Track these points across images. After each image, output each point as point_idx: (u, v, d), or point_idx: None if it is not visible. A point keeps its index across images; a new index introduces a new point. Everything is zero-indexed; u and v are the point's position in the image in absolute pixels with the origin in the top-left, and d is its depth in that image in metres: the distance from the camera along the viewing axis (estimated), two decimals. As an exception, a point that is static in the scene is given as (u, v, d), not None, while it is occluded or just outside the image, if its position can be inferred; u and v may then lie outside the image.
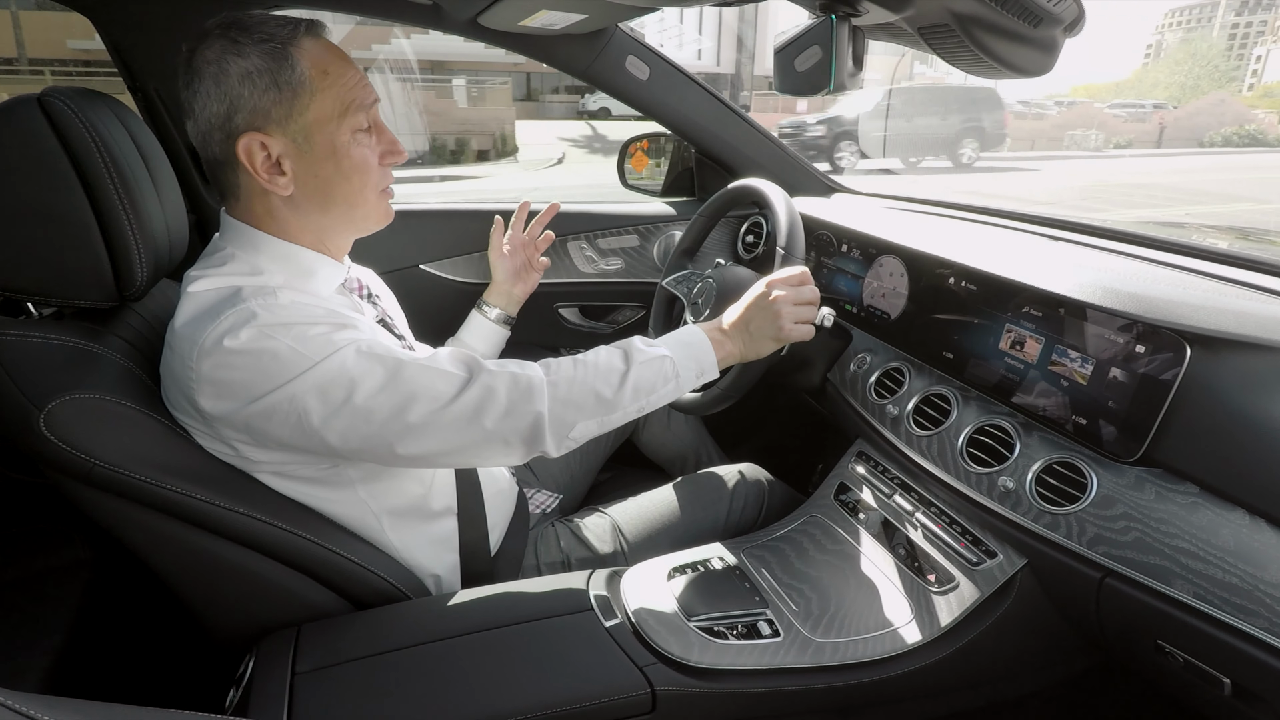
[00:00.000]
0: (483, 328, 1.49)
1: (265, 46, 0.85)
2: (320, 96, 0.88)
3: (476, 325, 1.49)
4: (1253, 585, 0.73)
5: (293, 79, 0.86)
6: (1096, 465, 0.92)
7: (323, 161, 0.91)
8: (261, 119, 0.86)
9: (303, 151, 0.89)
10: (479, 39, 1.58)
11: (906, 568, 1.09)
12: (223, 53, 0.84)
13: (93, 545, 1.21)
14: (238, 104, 0.85)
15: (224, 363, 0.81)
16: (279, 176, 0.89)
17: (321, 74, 0.88)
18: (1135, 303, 0.89)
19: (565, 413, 0.95)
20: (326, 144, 0.90)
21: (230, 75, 0.84)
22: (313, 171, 0.91)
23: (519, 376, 0.93)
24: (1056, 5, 0.73)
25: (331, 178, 0.92)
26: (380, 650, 0.90)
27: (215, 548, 0.90)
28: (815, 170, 1.88)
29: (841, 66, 0.85)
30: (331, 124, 0.89)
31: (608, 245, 1.86)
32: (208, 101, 0.86)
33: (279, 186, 0.90)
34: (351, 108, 0.90)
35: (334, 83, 0.89)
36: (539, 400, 0.93)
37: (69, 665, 1.02)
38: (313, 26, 0.90)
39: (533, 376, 0.94)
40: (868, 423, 1.27)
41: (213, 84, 0.85)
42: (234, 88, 0.85)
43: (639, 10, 1.37)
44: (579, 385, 0.96)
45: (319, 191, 0.92)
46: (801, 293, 1.12)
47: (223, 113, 0.86)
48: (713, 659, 0.94)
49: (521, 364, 0.96)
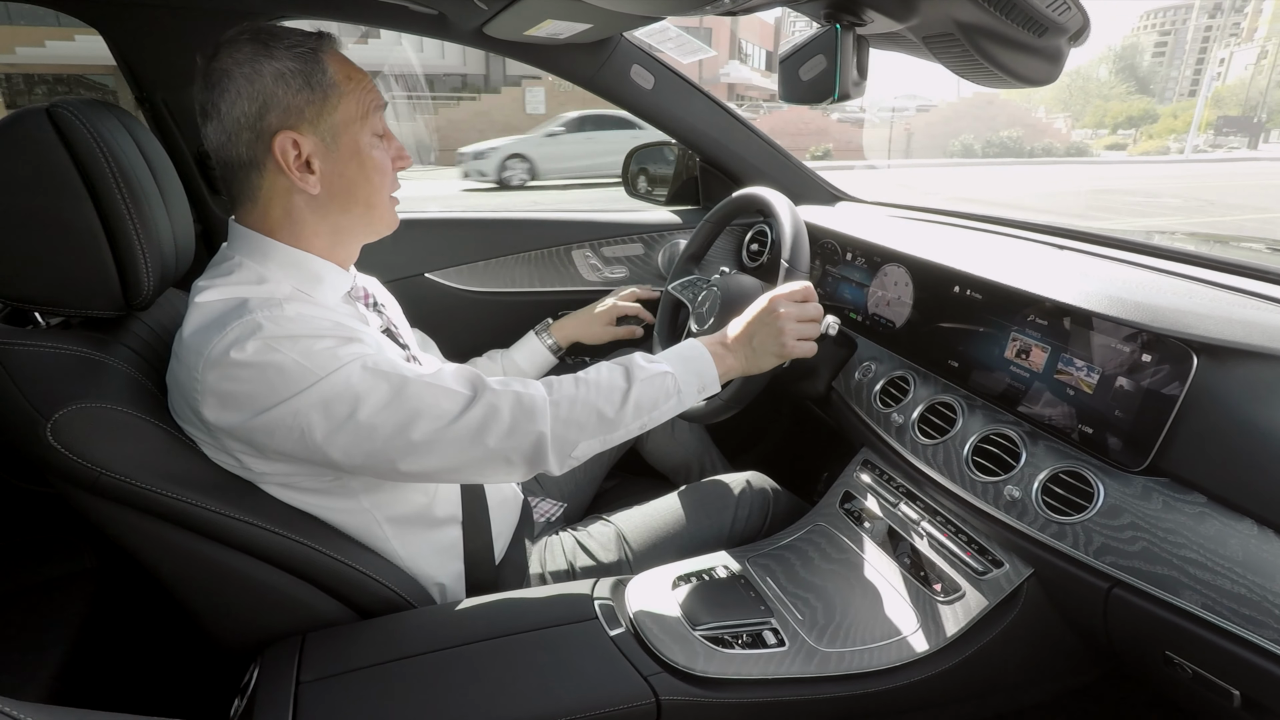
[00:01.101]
0: (537, 353, 1.52)
1: (296, 50, 0.89)
2: (346, 99, 0.92)
3: (531, 348, 1.52)
4: (1262, 596, 0.73)
5: (324, 81, 0.90)
6: (1103, 474, 0.91)
7: (347, 161, 0.93)
8: (295, 117, 0.89)
9: (330, 151, 0.92)
10: (484, 48, 1.59)
11: (912, 577, 1.09)
12: (254, 54, 0.87)
13: (99, 554, 1.21)
14: (270, 102, 0.88)
15: (229, 375, 0.81)
16: (309, 175, 0.92)
17: (346, 78, 0.92)
18: (1141, 312, 0.89)
19: (567, 432, 0.96)
20: (351, 144, 0.93)
21: (264, 75, 0.87)
22: (339, 171, 0.93)
23: (522, 396, 0.94)
24: (1061, 14, 0.73)
25: (355, 178, 0.95)
26: (385, 659, 0.90)
27: (221, 556, 0.90)
28: (820, 179, 1.88)
29: (846, 75, 0.85)
30: (355, 125, 0.93)
31: (612, 254, 1.87)
32: (238, 100, 0.87)
33: (309, 185, 0.92)
34: (371, 110, 0.94)
35: (356, 87, 0.93)
36: (541, 421, 0.93)
37: (74, 674, 1.02)
38: (332, 39, 0.94)
39: (535, 396, 0.95)
40: (873, 431, 1.27)
41: (245, 83, 0.87)
42: (268, 86, 0.87)
43: (643, 20, 1.38)
44: (581, 405, 0.97)
45: (343, 191, 0.95)
46: (805, 309, 1.13)
47: (254, 111, 0.88)
48: (718, 668, 0.94)
49: (525, 382, 0.97)
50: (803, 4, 0.90)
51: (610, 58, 1.62)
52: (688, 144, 1.84)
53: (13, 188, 0.82)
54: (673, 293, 1.50)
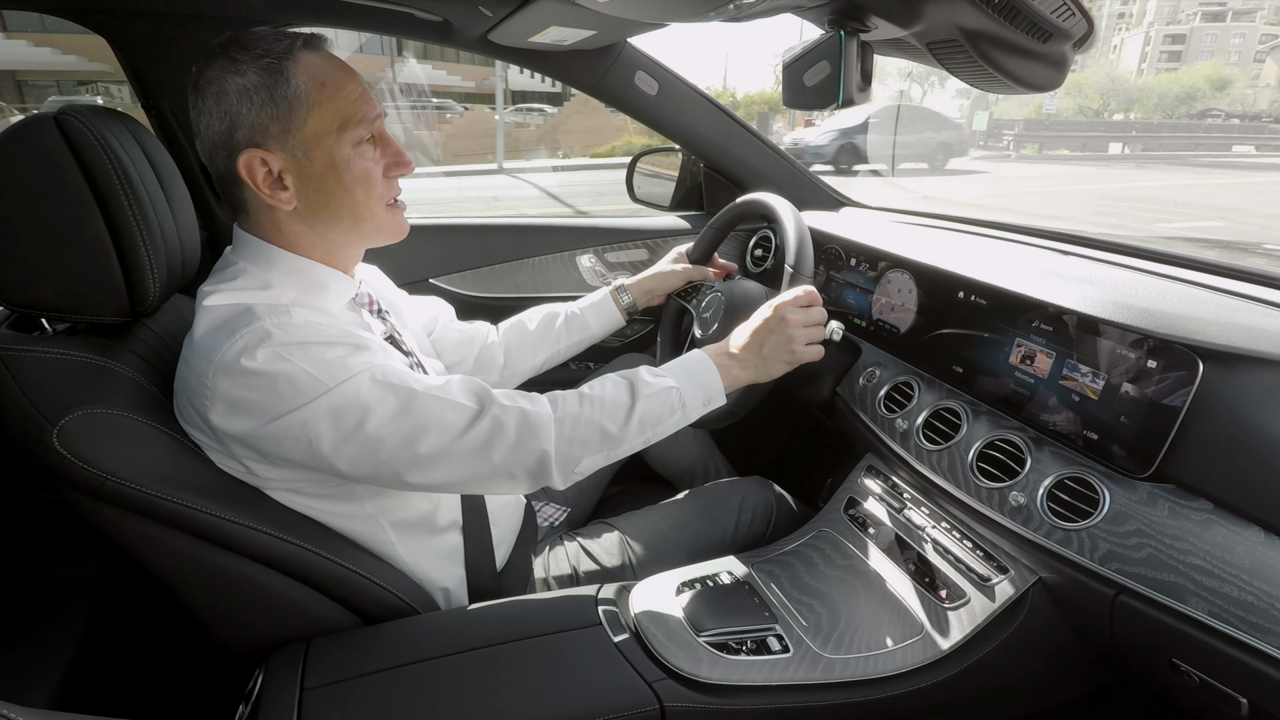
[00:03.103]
0: (607, 310, 1.43)
1: (262, 63, 0.86)
2: (318, 110, 0.88)
3: (603, 306, 1.43)
4: (1269, 603, 0.72)
5: (289, 93, 0.86)
6: (1109, 481, 0.91)
7: (323, 175, 0.91)
8: (260, 135, 0.87)
9: (303, 166, 0.90)
10: (489, 55, 1.59)
11: (917, 583, 1.09)
12: (222, 71, 0.85)
13: (103, 560, 1.21)
14: (237, 121, 0.86)
15: (240, 382, 0.82)
16: (281, 191, 0.90)
17: (319, 87, 0.88)
18: (1147, 318, 0.88)
19: (571, 449, 0.96)
20: (326, 158, 0.90)
21: (229, 93, 0.85)
22: (314, 186, 0.91)
23: (528, 413, 0.94)
24: (1065, 20, 0.73)
25: (334, 191, 0.92)
26: (389, 665, 0.90)
27: (225, 562, 0.90)
28: (824, 184, 1.89)
29: (850, 81, 0.85)
30: (330, 137, 0.89)
31: (616, 259, 1.87)
32: (210, 120, 0.87)
33: (281, 201, 0.90)
34: (351, 121, 0.90)
35: (332, 95, 0.89)
36: (545, 439, 0.94)
37: (79, 681, 1.02)
38: (311, 40, 0.90)
39: (541, 413, 0.95)
40: (877, 437, 1.26)
41: (213, 102, 0.86)
42: (232, 105, 0.86)
43: (648, 26, 1.38)
44: (585, 423, 0.97)
45: (323, 205, 0.92)
46: (811, 314, 1.12)
47: (224, 130, 0.87)
48: (722, 674, 0.94)
49: (532, 398, 0.97)
50: (808, 10, 0.91)
51: (614, 64, 1.63)
52: (692, 149, 1.85)
53: (20, 194, 0.82)
54: (676, 300, 1.49)
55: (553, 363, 1.41)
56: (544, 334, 1.39)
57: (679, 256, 1.52)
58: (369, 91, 0.94)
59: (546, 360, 1.40)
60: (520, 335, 1.39)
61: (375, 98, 0.95)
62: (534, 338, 1.39)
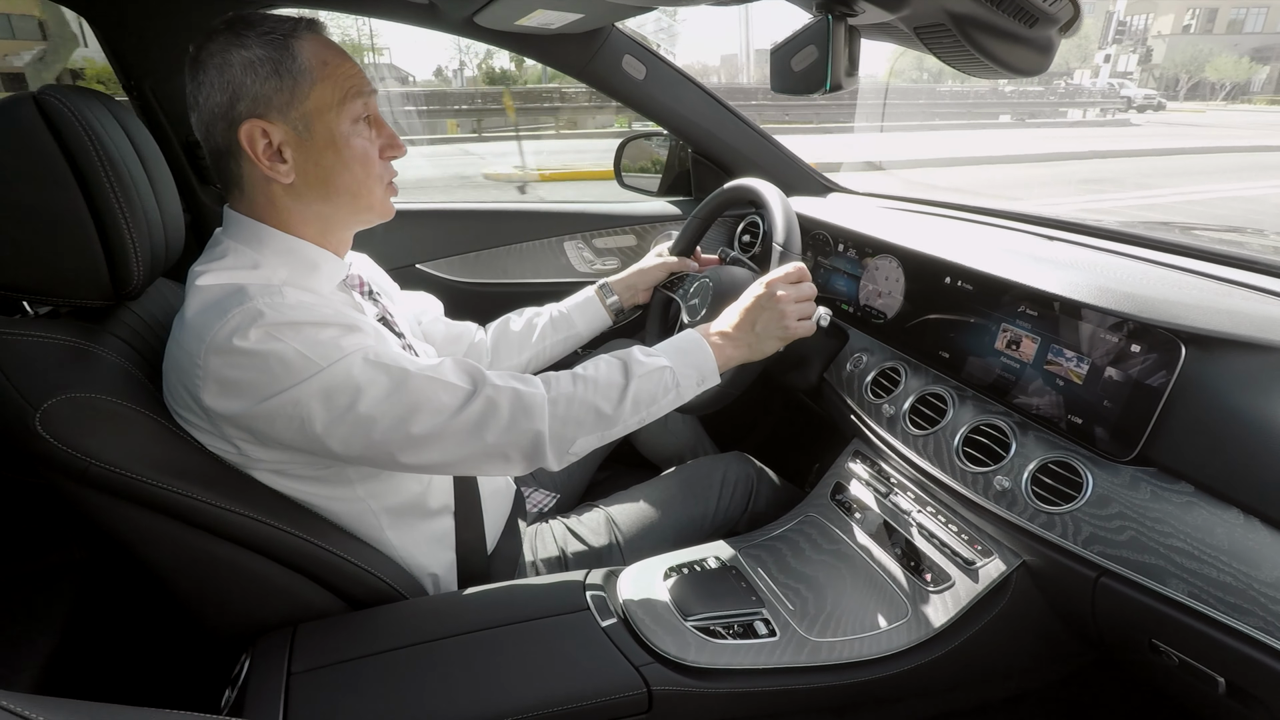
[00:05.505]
0: (592, 310, 1.43)
1: (268, 38, 0.88)
2: (320, 85, 0.90)
3: (589, 305, 1.43)
4: (1247, 584, 0.73)
5: (294, 68, 0.88)
6: (1092, 464, 0.92)
7: (323, 150, 0.92)
8: (263, 106, 0.88)
9: (303, 139, 0.91)
10: (475, 38, 1.58)
11: (903, 567, 1.10)
12: (227, 44, 0.87)
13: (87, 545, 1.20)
14: (240, 92, 0.87)
15: (232, 362, 0.81)
16: (280, 164, 0.91)
17: (321, 64, 0.90)
18: (1130, 302, 0.89)
19: (565, 430, 0.96)
20: (326, 132, 0.91)
21: (233, 64, 0.86)
22: (314, 160, 0.92)
23: (521, 393, 0.94)
24: (1052, 5, 0.73)
25: (333, 166, 0.93)
26: (376, 650, 0.90)
27: (211, 547, 0.89)
28: (811, 170, 1.88)
29: (838, 66, 0.85)
30: (331, 112, 0.91)
31: (604, 245, 1.86)
32: (211, 91, 0.87)
33: (280, 174, 0.91)
34: (350, 94, 0.92)
35: (333, 72, 0.91)
36: (539, 419, 0.94)
37: (63, 665, 1.02)
38: (313, 24, 0.93)
39: (535, 394, 0.95)
40: (864, 422, 1.27)
41: (216, 74, 0.87)
42: (237, 76, 0.87)
43: (635, 10, 1.37)
44: (579, 403, 0.97)
45: (321, 180, 0.93)
46: (801, 289, 1.13)
47: (225, 101, 0.87)
48: (709, 658, 0.94)
49: (525, 379, 0.97)
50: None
51: (602, 48, 1.62)
52: (680, 135, 1.84)
53: (0, 176, 0.81)
54: (662, 289, 1.49)
55: (539, 363, 1.41)
56: (530, 334, 1.39)
57: (660, 252, 1.52)
58: (363, 72, 0.95)
59: (532, 359, 1.40)
60: (506, 335, 1.40)
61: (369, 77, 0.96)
62: (520, 338, 1.39)
